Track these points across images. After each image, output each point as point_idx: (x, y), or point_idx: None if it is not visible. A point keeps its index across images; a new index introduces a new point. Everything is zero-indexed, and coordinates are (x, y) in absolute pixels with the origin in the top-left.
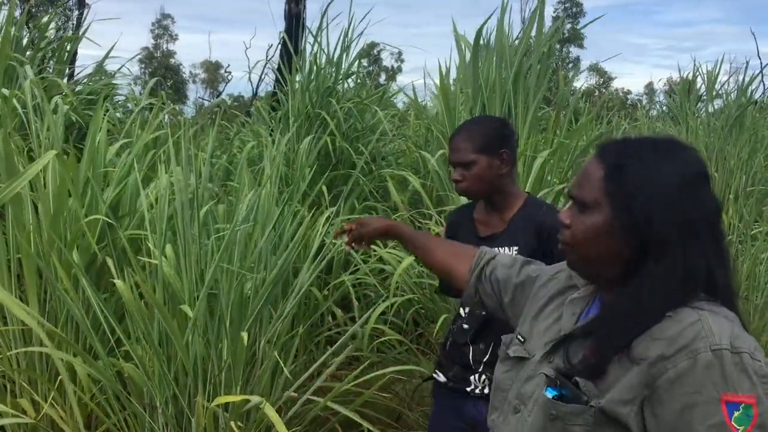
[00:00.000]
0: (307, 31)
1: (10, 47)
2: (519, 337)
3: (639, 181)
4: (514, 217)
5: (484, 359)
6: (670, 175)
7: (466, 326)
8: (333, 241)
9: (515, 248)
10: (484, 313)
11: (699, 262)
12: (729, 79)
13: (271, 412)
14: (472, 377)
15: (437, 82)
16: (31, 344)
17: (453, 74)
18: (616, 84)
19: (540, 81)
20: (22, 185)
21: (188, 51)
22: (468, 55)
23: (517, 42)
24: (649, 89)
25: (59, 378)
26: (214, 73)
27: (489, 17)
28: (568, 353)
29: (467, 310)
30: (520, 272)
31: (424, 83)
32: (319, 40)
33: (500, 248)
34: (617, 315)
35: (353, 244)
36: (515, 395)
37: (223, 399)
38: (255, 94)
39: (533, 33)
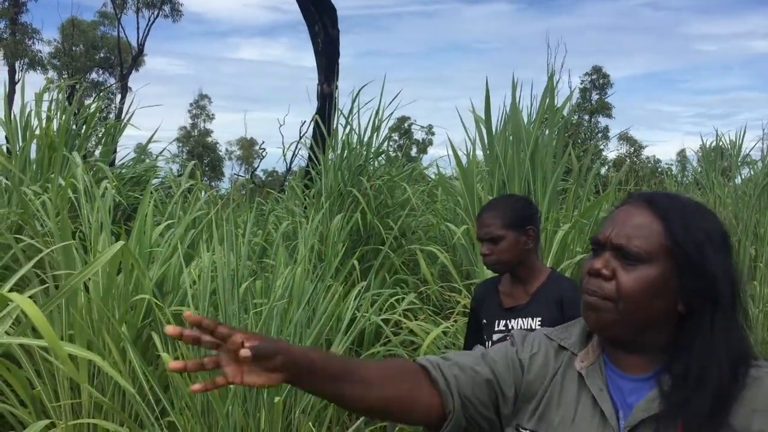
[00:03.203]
0: (339, 112)
1: (64, 140)
2: (524, 429)
3: (702, 238)
4: (538, 291)
5: None
6: (719, 234)
7: None
8: (364, 314)
9: (538, 320)
10: None
11: (742, 319)
12: (756, 145)
13: None
14: None
15: (462, 156)
16: (81, 414)
17: (475, 148)
18: (647, 152)
19: (557, 158)
20: (81, 281)
21: (224, 129)
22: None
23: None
24: (682, 156)
25: None
26: (249, 150)
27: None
28: None
29: None
30: (493, 363)
31: (449, 158)
32: (350, 121)
33: (523, 319)
34: (702, 388)
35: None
36: None
37: None
38: (289, 170)
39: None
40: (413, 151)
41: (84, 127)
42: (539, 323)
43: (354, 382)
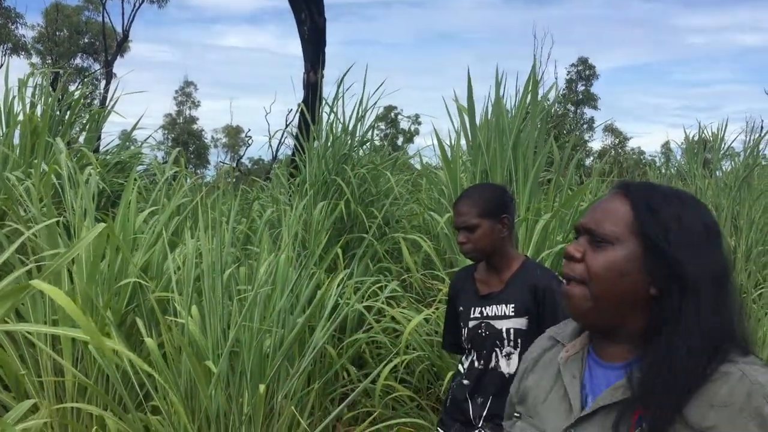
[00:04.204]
0: (324, 101)
1: (48, 126)
2: (515, 413)
3: (672, 222)
4: (512, 278)
5: (483, 413)
6: (698, 224)
7: (465, 382)
8: (347, 301)
9: (511, 306)
10: (480, 366)
11: (725, 309)
12: (736, 138)
13: None
14: None
15: (446, 146)
16: (64, 399)
17: (459, 138)
18: (632, 143)
19: (539, 148)
20: (65, 262)
21: (210, 116)
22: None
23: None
24: (666, 148)
25: (94, 430)
26: (235, 138)
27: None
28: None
29: (466, 365)
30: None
31: (433, 147)
32: (335, 110)
33: (497, 305)
34: (663, 374)
35: None
36: None
37: None
38: (275, 158)
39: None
40: (399, 141)
41: (68, 113)
42: (512, 310)
43: None
